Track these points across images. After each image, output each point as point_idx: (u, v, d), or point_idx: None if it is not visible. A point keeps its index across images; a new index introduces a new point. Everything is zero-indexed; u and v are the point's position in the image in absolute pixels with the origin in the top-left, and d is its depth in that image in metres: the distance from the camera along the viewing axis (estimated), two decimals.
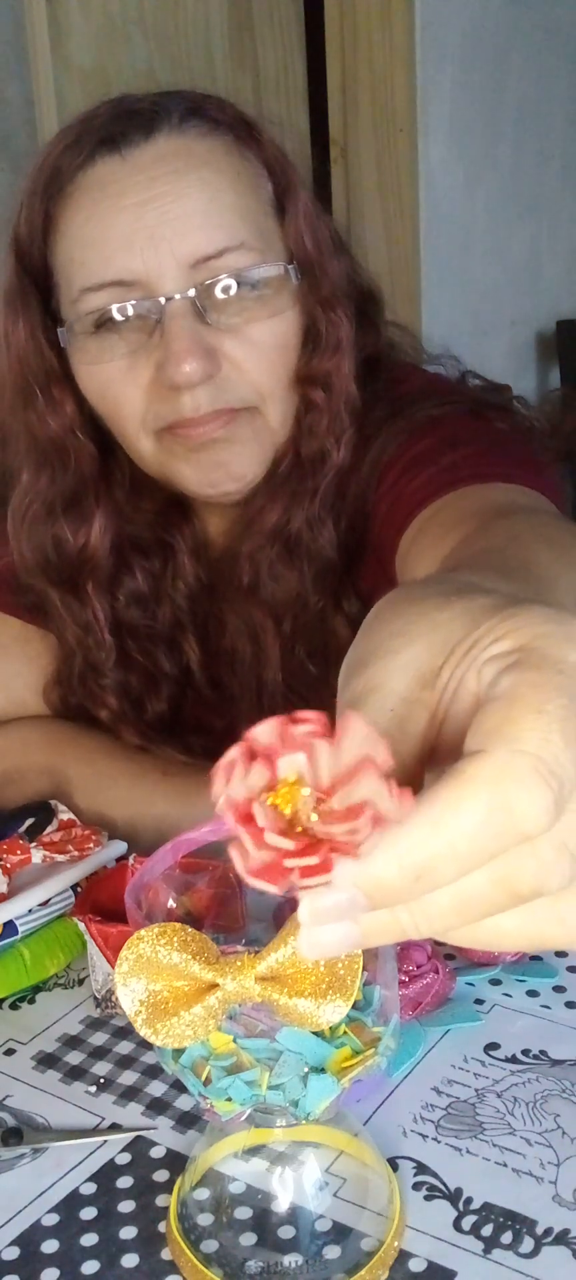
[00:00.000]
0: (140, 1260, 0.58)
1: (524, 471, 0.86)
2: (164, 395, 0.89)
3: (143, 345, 0.90)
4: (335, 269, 0.95)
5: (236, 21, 2.59)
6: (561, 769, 0.31)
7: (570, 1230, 0.57)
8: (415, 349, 1.07)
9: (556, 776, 0.31)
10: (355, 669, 0.37)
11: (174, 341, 0.87)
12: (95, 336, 0.90)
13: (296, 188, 0.94)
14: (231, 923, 0.68)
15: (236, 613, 0.99)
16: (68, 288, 0.92)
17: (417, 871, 0.31)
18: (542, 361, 3.10)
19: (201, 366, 0.87)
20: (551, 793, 0.31)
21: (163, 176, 0.88)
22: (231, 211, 0.89)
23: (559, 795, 0.31)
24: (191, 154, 0.89)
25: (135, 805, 0.96)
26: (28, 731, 1.05)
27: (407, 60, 2.56)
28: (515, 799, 0.31)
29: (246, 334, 0.90)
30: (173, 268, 0.88)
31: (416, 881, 0.31)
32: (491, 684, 0.33)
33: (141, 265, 0.88)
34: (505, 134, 2.86)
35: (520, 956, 0.78)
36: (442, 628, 0.36)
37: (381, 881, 0.31)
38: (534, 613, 0.35)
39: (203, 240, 0.88)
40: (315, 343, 0.94)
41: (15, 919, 0.79)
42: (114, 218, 0.88)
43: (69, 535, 0.97)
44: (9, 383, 0.96)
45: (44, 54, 2.21)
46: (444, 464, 0.88)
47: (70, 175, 0.90)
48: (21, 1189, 0.63)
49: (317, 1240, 0.58)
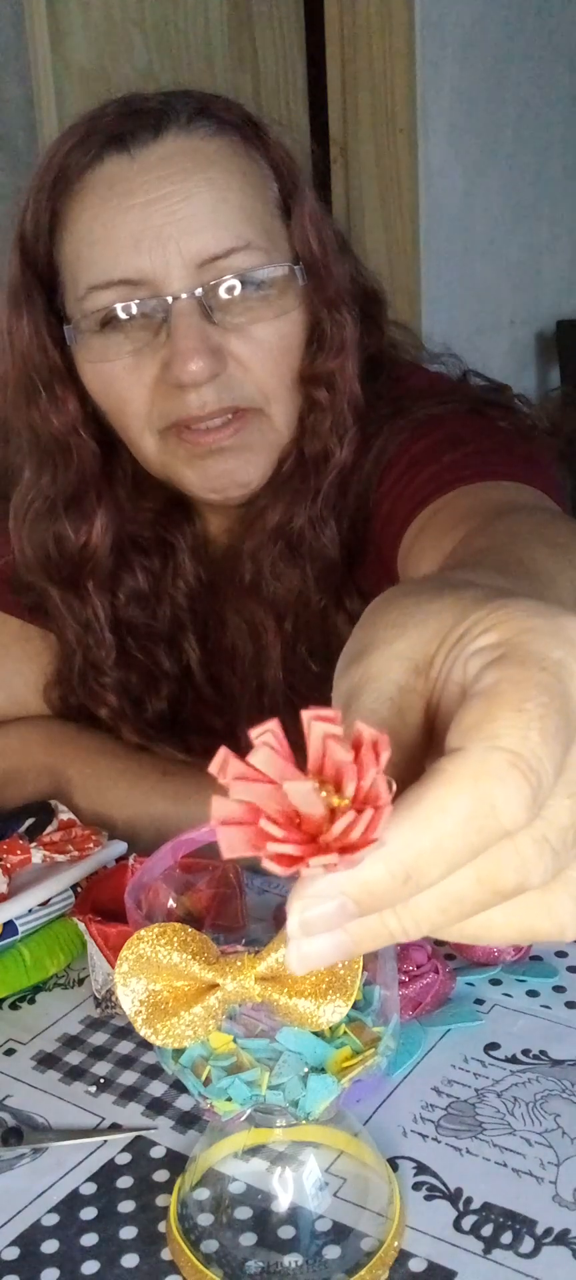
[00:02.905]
0: (140, 1260, 0.58)
1: (525, 470, 0.86)
2: (169, 394, 0.90)
3: (148, 343, 0.90)
4: (340, 270, 0.96)
5: (236, 21, 2.59)
6: (540, 764, 0.31)
7: (570, 1230, 0.57)
8: (416, 348, 1.07)
9: (535, 772, 0.31)
10: (352, 660, 0.37)
11: (180, 340, 0.87)
12: (100, 334, 0.91)
13: (303, 188, 0.94)
14: (231, 923, 0.68)
15: (238, 611, 0.99)
16: (74, 285, 0.92)
17: (406, 873, 0.31)
18: (542, 361, 3.10)
19: (207, 365, 0.87)
20: (529, 788, 0.31)
21: (170, 176, 0.88)
22: (238, 212, 0.89)
23: (537, 791, 0.31)
24: (199, 154, 0.89)
25: (135, 805, 0.96)
26: (28, 731, 1.05)
27: (407, 60, 2.56)
28: (495, 795, 0.31)
29: (252, 333, 0.90)
30: (179, 267, 0.88)
31: (405, 883, 0.31)
32: (475, 678, 0.34)
33: (148, 264, 0.88)
34: (505, 134, 2.86)
35: (520, 957, 0.78)
36: (433, 618, 0.36)
37: (370, 886, 0.31)
38: (520, 606, 0.35)
39: (210, 240, 0.88)
40: (320, 343, 0.94)
41: (15, 919, 0.79)
42: (122, 216, 0.88)
43: (70, 533, 0.97)
44: (12, 379, 0.96)
45: (44, 54, 2.21)
46: (445, 462, 0.88)
47: (78, 173, 0.90)
48: (21, 1189, 0.63)
49: (317, 1240, 0.58)
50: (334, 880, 0.31)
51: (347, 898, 0.31)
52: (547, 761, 0.32)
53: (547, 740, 0.32)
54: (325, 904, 0.31)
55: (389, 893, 0.31)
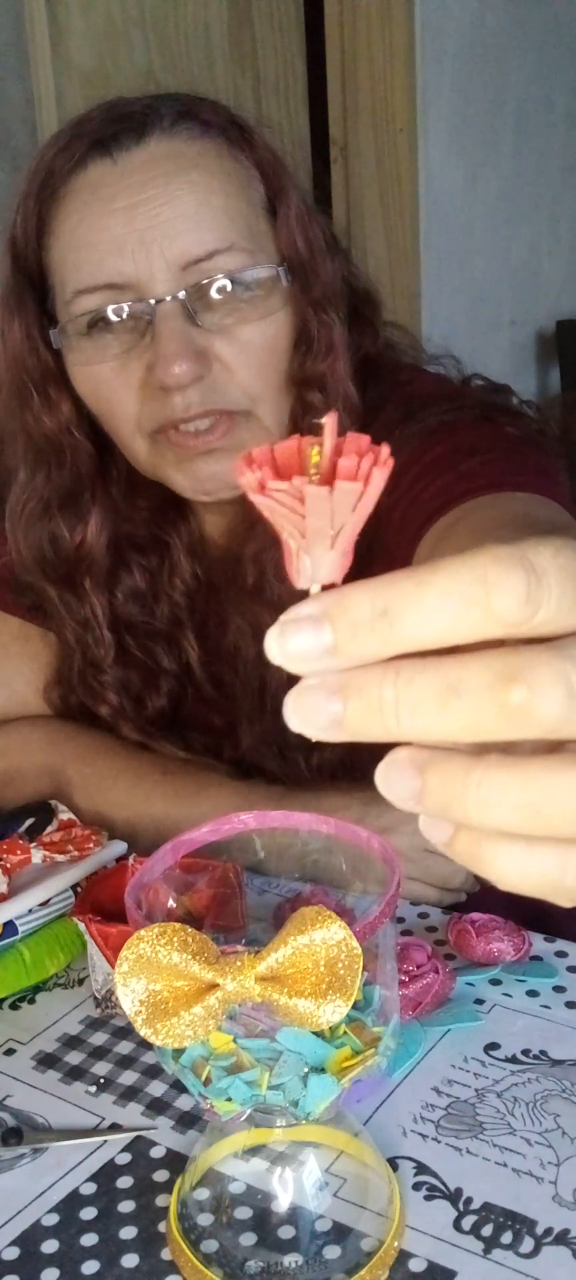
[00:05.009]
0: (140, 1260, 0.58)
1: (540, 481, 0.86)
2: (155, 396, 0.90)
3: (134, 346, 0.90)
4: (328, 271, 0.95)
5: (236, 21, 2.59)
6: (544, 574, 0.32)
7: (570, 1230, 0.57)
8: (414, 349, 1.07)
9: (536, 573, 0.32)
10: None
11: (164, 344, 0.88)
12: (88, 337, 0.91)
13: (288, 190, 0.94)
14: (231, 923, 0.68)
15: (240, 613, 0.99)
16: (61, 289, 0.92)
17: (385, 605, 0.32)
18: (542, 361, 3.10)
19: (191, 368, 0.88)
20: (526, 583, 0.31)
21: (153, 180, 0.88)
22: (221, 214, 0.89)
23: (534, 591, 0.32)
24: (182, 157, 0.90)
25: (135, 805, 0.96)
26: (28, 731, 1.06)
27: (407, 60, 2.56)
28: (489, 570, 0.31)
29: (237, 335, 0.90)
30: (163, 270, 0.88)
31: (382, 615, 0.32)
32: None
33: (132, 268, 0.88)
34: (505, 134, 2.86)
35: (520, 957, 0.78)
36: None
37: (349, 607, 0.33)
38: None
39: (193, 243, 0.88)
40: (308, 345, 0.94)
41: (15, 919, 0.79)
42: (105, 221, 0.88)
43: (65, 533, 0.97)
44: (6, 383, 0.96)
45: (44, 54, 2.21)
46: (461, 471, 0.88)
47: (63, 178, 0.91)
48: (21, 1189, 0.63)
49: (317, 1240, 0.58)
50: (322, 598, 0.33)
51: (326, 610, 0.33)
52: (553, 577, 0.32)
53: (560, 564, 0.32)
54: (308, 606, 0.33)
55: (363, 620, 0.32)
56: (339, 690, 0.33)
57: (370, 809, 0.86)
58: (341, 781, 0.94)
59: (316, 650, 0.33)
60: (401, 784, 0.33)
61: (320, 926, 0.50)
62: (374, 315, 1.03)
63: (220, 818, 0.63)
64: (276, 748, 0.99)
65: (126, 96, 0.94)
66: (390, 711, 0.33)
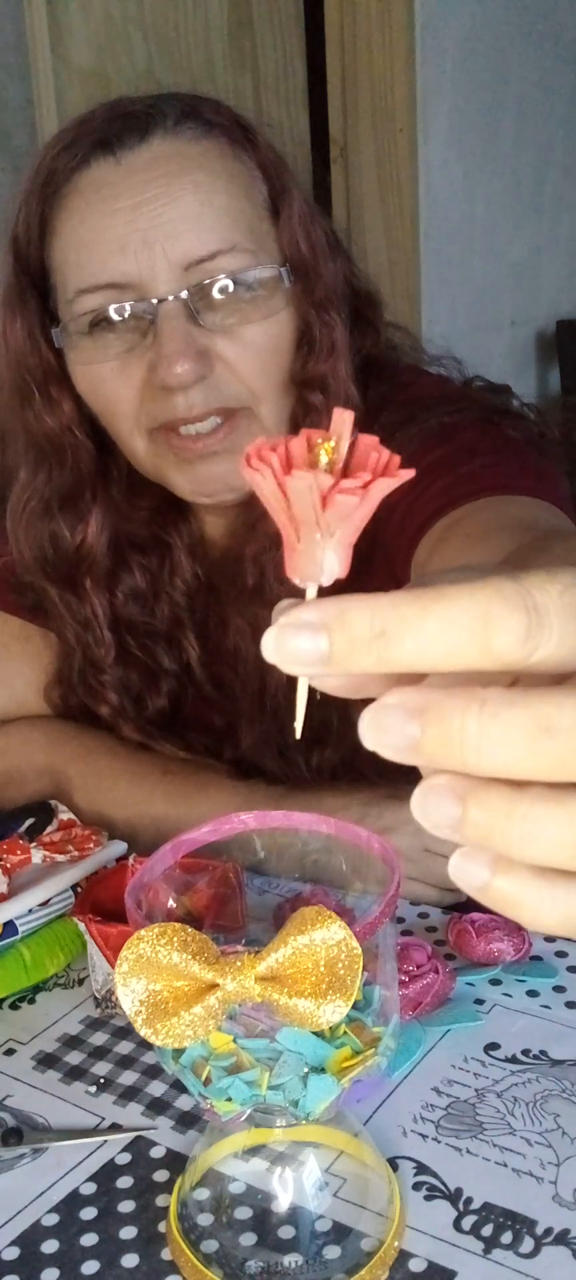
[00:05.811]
0: (140, 1260, 0.58)
1: (540, 484, 0.86)
2: (157, 395, 0.90)
3: (136, 345, 0.90)
4: (330, 271, 0.95)
5: (236, 21, 2.59)
6: (547, 615, 0.31)
7: (570, 1230, 0.57)
8: (415, 350, 1.07)
9: (538, 613, 0.31)
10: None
11: (166, 343, 0.88)
12: (90, 336, 0.91)
13: (291, 190, 0.94)
14: (231, 923, 0.69)
15: (240, 613, 0.99)
16: (63, 289, 0.92)
17: (383, 627, 0.32)
18: (542, 361, 3.10)
19: (193, 368, 0.88)
20: (527, 623, 0.31)
21: (156, 179, 0.88)
22: (224, 214, 0.89)
23: (535, 630, 0.31)
24: (185, 157, 0.90)
25: (135, 805, 0.96)
26: (28, 731, 1.06)
27: (407, 60, 2.57)
28: (493, 606, 0.31)
29: (239, 335, 0.90)
30: (165, 270, 0.88)
31: (379, 637, 0.32)
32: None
33: (135, 268, 0.88)
34: (505, 134, 2.86)
35: (520, 957, 0.78)
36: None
37: (349, 622, 0.32)
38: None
39: (195, 243, 0.88)
40: (310, 345, 0.94)
41: (15, 919, 0.79)
42: (108, 220, 0.88)
43: (66, 532, 0.97)
44: (7, 381, 0.96)
45: (44, 54, 2.21)
46: (462, 473, 0.88)
47: (65, 177, 0.91)
48: (21, 1189, 0.63)
49: (317, 1240, 0.58)
50: (323, 605, 0.33)
51: (325, 621, 0.32)
52: (556, 616, 0.31)
53: (566, 602, 0.32)
54: (308, 611, 0.33)
55: (361, 637, 0.32)
56: (418, 713, 0.32)
57: (370, 809, 0.86)
58: (341, 782, 0.94)
59: (311, 656, 0.33)
60: (440, 811, 0.32)
61: (320, 926, 0.50)
62: (375, 316, 1.03)
63: (220, 818, 0.63)
64: (276, 748, 0.99)
65: (129, 96, 0.94)
66: (471, 744, 0.32)
